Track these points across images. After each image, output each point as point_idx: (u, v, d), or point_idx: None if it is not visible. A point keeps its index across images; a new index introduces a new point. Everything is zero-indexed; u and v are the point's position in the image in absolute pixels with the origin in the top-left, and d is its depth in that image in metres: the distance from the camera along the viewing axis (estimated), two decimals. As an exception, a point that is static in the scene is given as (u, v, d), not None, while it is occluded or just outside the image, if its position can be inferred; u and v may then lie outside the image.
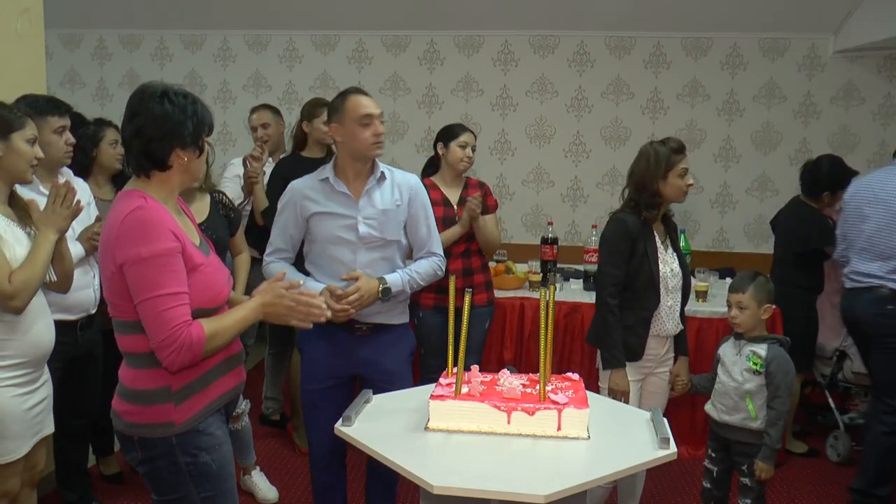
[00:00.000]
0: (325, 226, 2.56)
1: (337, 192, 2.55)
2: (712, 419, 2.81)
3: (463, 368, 2.01)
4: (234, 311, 1.85)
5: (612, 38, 5.11)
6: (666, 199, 2.75)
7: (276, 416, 4.11)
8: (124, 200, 1.76)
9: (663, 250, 2.79)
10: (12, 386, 2.16)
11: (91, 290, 2.78)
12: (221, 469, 1.87)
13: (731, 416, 2.71)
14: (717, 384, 2.79)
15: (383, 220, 2.56)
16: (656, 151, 2.72)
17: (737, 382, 2.70)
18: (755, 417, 2.66)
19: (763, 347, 2.68)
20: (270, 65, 5.45)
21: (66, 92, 5.57)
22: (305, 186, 2.59)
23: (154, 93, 1.77)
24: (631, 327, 2.73)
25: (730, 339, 2.84)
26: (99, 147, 3.11)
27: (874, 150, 5.00)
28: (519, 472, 1.74)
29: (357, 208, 2.54)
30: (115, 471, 3.42)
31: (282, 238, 2.63)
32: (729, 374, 2.74)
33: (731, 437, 2.74)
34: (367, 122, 2.47)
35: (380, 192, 2.58)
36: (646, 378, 2.83)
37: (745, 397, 2.68)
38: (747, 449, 2.69)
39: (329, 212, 2.55)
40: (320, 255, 2.59)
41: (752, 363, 2.67)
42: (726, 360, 2.77)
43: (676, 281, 2.80)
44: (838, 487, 3.49)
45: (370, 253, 2.56)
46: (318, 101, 3.79)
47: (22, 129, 2.21)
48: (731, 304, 2.77)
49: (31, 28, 3.08)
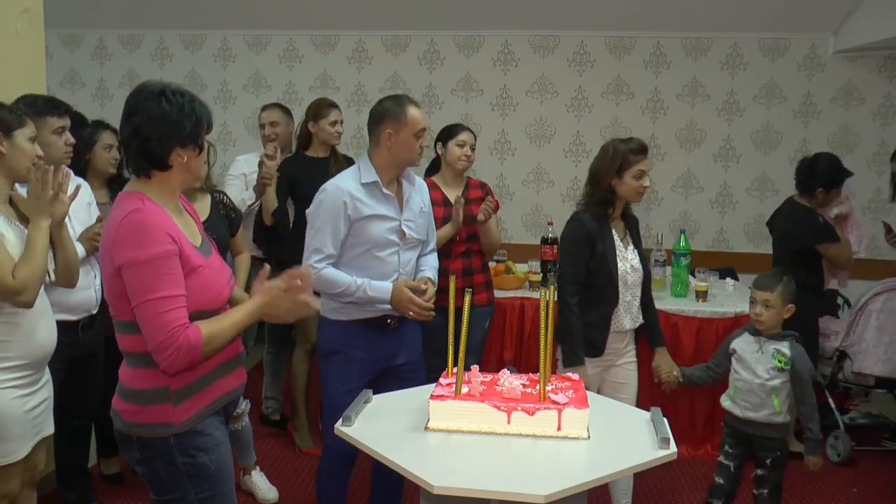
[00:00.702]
0: (374, 228, 2.61)
1: (384, 195, 2.63)
2: (733, 416, 2.81)
3: (463, 368, 2.01)
4: (232, 314, 1.84)
5: (612, 38, 5.11)
6: (620, 197, 2.79)
7: (277, 416, 4.10)
8: (123, 202, 1.76)
9: (623, 247, 2.83)
10: (13, 388, 2.16)
11: (92, 290, 2.78)
12: (220, 470, 1.86)
13: (757, 412, 2.74)
14: (736, 381, 2.80)
15: (420, 221, 2.73)
16: (615, 149, 2.76)
17: (762, 380, 2.72)
18: (780, 412, 2.72)
19: (786, 346, 2.73)
20: (270, 65, 5.45)
21: (66, 92, 5.57)
22: (354, 189, 2.60)
23: (151, 92, 1.77)
24: (592, 324, 2.79)
25: (743, 334, 2.84)
26: (93, 150, 3.09)
27: (874, 150, 5.00)
28: (519, 472, 1.74)
29: (400, 211, 2.66)
30: (116, 471, 3.42)
31: (333, 242, 2.59)
32: (753, 371, 2.75)
33: (754, 433, 2.77)
34: (420, 136, 2.62)
35: (414, 196, 2.73)
36: (608, 370, 2.88)
37: (770, 394, 2.71)
38: (771, 443, 2.74)
39: (380, 214, 2.62)
40: (364, 257, 2.63)
41: (777, 361, 2.71)
42: (747, 357, 2.77)
43: (637, 276, 2.86)
44: (839, 487, 3.50)
45: (407, 253, 2.71)
46: (325, 102, 3.80)
47: (23, 128, 2.21)
48: (756, 301, 2.77)
49: (31, 28, 3.08)
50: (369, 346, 2.67)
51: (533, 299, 3.79)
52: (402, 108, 2.59)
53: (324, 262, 2.60)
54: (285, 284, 1.87)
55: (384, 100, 2.67)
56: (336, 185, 2.62)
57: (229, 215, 3.20)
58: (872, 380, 3.73)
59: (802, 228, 3.73)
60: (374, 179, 2.60)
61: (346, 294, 2.59)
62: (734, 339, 2.87)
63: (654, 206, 5.22)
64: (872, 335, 3.67)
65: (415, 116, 2.60)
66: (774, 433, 2.74)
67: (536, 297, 3.78)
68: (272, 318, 1.91)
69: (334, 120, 3.73)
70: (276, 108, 4.09)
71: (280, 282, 1.87)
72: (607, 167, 2.75)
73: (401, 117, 2.57)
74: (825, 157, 3.81)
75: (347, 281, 2.58)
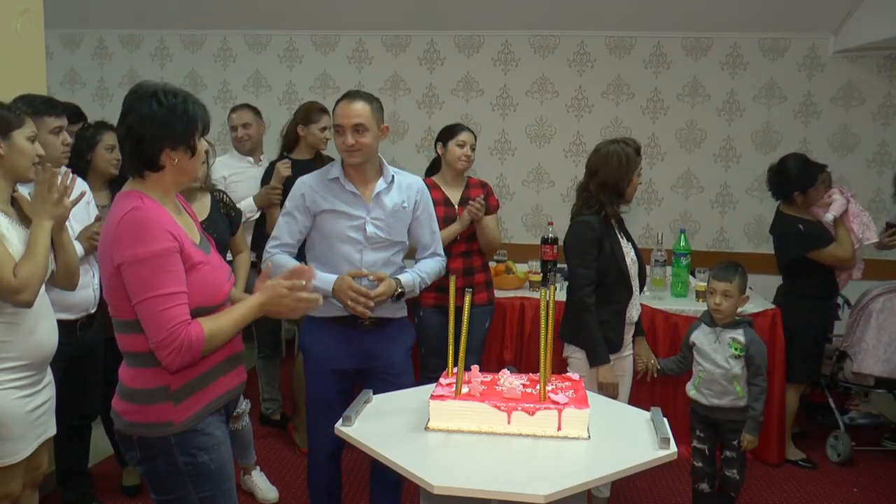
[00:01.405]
0: (333, 224, 2.58)
1: (346, 192, 2.58)
2: (700, 404, 2.94)
3: (463, 368, 2.01)
4: (233, 310, 1.84)
5: (612, 38, 5.11)
6: (627, 198, 2.87)
7: (277, 415, 4.11)
8: (122, 201, 1.76)
9: (625, 243, 2.90)
10: (14, 388, 2.16)
11: (91, 289, 2.78)
12: (220, 469, 1.87)
13: (721, 399, 2.89)
14: (699, 373, 2.93)
15: (391, 221, 2.61)
16: (627, 154, 2.81)
17: (724, 369, 2.86)
18: (743, 396, 2.87)
19: (740, 333, 2.87)
20: (270, 65, 5.45)
21: (66, 92, 5.57)
22: (315, 183, 2.61)
23: (145, 92, 1.76)
24: (607, 321, 2.83)
25: (700, 326, 2.97)
26: (95, 151, 3.06)
27: (874, 150, 5.00)
28: (519, 472, 1.74)
29: (366, 209, 2.58)
30: (135, 482, 3.35)
31: (288, 231, 2.62)
32: (713, 362, 2.88)
33: (720, 418, 2.91)
34: (339, 132, 2.52)
35: (388, 195, 2.62)
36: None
37: (732, 381, 2.86)
38: (736, 426, 2.89)
39: (338, 210, 2.57)
40: (326, 252, 2.60)
41: (734, 349, 2.86)
42: (706, 349, 2.91)
43: (636, 269, 2.93)
44: (839, 487, 3.50)
45: (375, 253, 2.60)
46: (317, 107, 3.79)
47: (22, 128, 2.20)
48: (715, 291, 2.88)
49: (31, 28, 3.08)
50: (338, 346, 2.63)
51: (533, 299, 3.79)
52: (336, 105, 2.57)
53: (277, 248, 2.62)
54: (288, 281, 1.88)
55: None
56: (301, 179, 2.66)
57: (229, 214, 3.20)
58: (872, 380, 3.72)
59: (786, 241, 3.71)
60: (335, 176, 2.59)
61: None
62: (692, 333, 2.99)
63: (654, 206, 5.22)
64: (872, 335, 3.66)
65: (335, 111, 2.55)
66: (739, 416, 2.87)
67: (536, 297, 3.78)
68: (274, 315, 1.91)
69: (324, 126, 3.72)
70: (248, 109, 4.06)
71: (282, 279, 1.88)
72: (624, 172, 2.80)
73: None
74: (791, 158, 3.75)
75: (293, 266, 2.50)
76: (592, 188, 2.85)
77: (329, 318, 2.62)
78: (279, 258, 2.59)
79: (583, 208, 2.87)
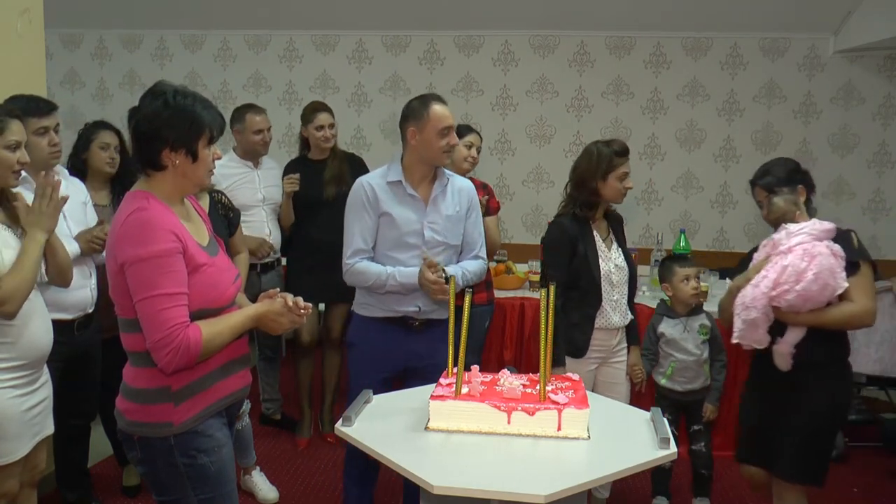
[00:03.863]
0: (392, 226, 2.60)
1: (407, 196, 2.61)
2: (674, 391, 3.10)
3: (463, 368, 2.01)
4: (232, 317, 1.84)
5: (612, 39, 5.11)
6: (604, 199, 2.82)
7: (277, 416, 4.11)
8: (128, 201, 1.77)
9: (605, 248, 2.85)
10: (10, 387, 2.15)
11: (88, 289, 2.77)
12: (220, 472, 1.86)
13: (694, 383, 3.09)
14: (672, 363, 3.08)
15: (447, 225, 2.65)
16: (599, 151, 2.79)
17: (695, 356, 3.05)
18: (709, 377, 3.10)
19: (704, 317, 3.10)
20: (270, 65, 5.44)
21: (66, 92, 5.58)
22: (377, 186, 2.62)
23: (157, 91, 1.77)
24: (577, 325, 2.81)
25: (663, 319, 3.10)
26: (89, 149, 3.06)
27: (874, 150, 5.00)
28: (519, 473, 1.74)
29: (425, 213, 2.62)
30: (135, 482, 3.35)
31: (362, 236, 2.62)
32: (685, 350, 3.06)
33: (690, 400, 3.11)
34: (445, 134, 2.57)
35: (444, 199, 2.65)
36: (600, 368, 2.91)
37: (703, 365, 3.08)
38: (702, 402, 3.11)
39: (399, 214, 2.60)
40: (387, 256, 2.63)
41: (702, 334, 3.06)
42: (677, 339, 3.07)
43: (622, 275, 2.88)
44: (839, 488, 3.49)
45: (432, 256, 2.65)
46: (311, 106, 3.79)
47: (1, 136, 2.15)
48: (689, 277, 3.07)
49: (30, 28, 3.08)
50: (389, 344, 2.67)
51: (533, 299, 3.80)
52: (425, 105, 2.58)
53: (355, 256, 2.61)
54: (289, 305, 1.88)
55: (412, 99, 2.67)
56: (360, 180, 2.66)
57: (227, 215, 3.20)
58: (864, 378, 3.78)
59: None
60: (398, 178, 2.60)
61: (378, 285, 2.59)
62: (659, 325, 3.10)
63: (654, 206, 5.21)
64: (864, 335, 3.70)
65: (438, 113, 2.57)
66: (705, 394, 3.11)
67: (536, 297, 3.78)
68: (266, 329, 1.92)
69: (320, 125, 3.71)
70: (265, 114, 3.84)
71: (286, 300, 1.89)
72: (593, 170, 2.77)
73: (423, 115, 2.57)
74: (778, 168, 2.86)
75: (378, 271, 2.59)
76: (570, 187, 2.87)
77: (378, 318, 2.66)
78: (360, 266, 2.60)
79: (562, 209, 2.88)
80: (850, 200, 5.02)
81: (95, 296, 2.80)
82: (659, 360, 3.12)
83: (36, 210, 2.18)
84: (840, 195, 5.03)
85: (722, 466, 3.42)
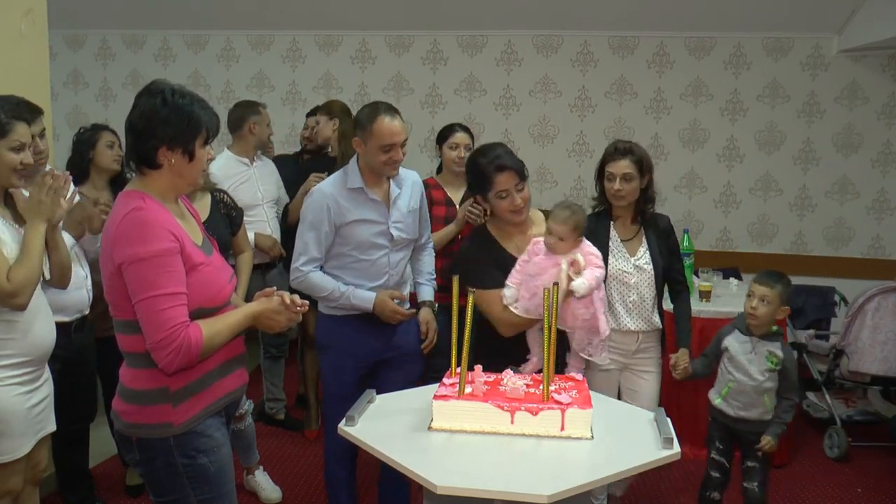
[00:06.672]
0: (360, 232, 2.62)
1: (370, 201, 2.63)
2: (725, 414, 2.81)
3: (466, 368, 2.01)
4: (231, 316, 1.84)
5: (615, 38, 5.10)
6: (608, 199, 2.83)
7: (281, 415, 4.11)
8: (123, 201, 1.76)
9: (623, 248, 2.80)
10: (14, 385, 2.16)
11: (84, 289, 2.77)
12: (220, 472, 1.86)
13: (749, 411, 2.76)
14: (730, 382, 2.78)
15: (408, 221, 2.72)
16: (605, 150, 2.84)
17: (756, 382, 2.72)
18: (770, 410, 2.75)
19: (777, 346, 2.73)
20: (273, 65, 5.45)
21: (69, 92, 5.59)
22: (337, 195, 2.62)
23: (155, 89, 1.77)
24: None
25: (734, 332, 2.81)
26: (95, 149, 3.13)
27: (879, 149, 4.98)
28: (522, 473, 1.74)
29: (388, 214, 2.65)
30: (138, 482, 3.33)
31: (317, 247, 2.63)
32: (746, 373, 2.74)
33: (744, 430, 2.79)
34: (389, 150, 2.56)
35: (401, 197, 2.70)
36: (623, 374, 2.85)
37: (763, 394, 2.74)
38: (758, 437, 2.74)
39: (365, 219, 2.62)
40: (353, 260, 2.65)
41: (770, 362, 2.71)
42: (740, 358, 2.76)
43: (642, 276, 2.78)
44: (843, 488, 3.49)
45: (398, 253, 2.73)
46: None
47: (5, 138, 2.16)
48: (754, 294, 2.73)
49: (34, 28, 3.09)
50: (362, 340, 2.69)
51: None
52: (372, 118, 2.55)
53: (309, 265, 2.64)
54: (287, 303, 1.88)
55: (365, 106, 2.65)
56: (321, 191, 2.64)
57: (230, 214, 3.20)
58: (868, 377, 3.79)
59: None
60: (358, 185, 2.61)
61: (331, 299, 2.65)
62: (725, 336, 2.84)
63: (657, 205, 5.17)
64: (868, 335, 3.71)
65: (382, 129, 2.52)
66: (763, 428, 2.76)
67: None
68: (263, 327, 1.92)
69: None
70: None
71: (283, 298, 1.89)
72: (596, 170, 2.86)
73: (368, 128, 2.54)
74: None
75: (332, 287, 2.63)
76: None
77: (349, 315, 2.68)
78: (314, 277, 2.63)
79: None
80: (854, 200, 5.01)
81: (91, 296, 2.80)
82: (717, 376, 2.88)
83: (34, 198, 2.18)
84: (844, 195, 5.02)
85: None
